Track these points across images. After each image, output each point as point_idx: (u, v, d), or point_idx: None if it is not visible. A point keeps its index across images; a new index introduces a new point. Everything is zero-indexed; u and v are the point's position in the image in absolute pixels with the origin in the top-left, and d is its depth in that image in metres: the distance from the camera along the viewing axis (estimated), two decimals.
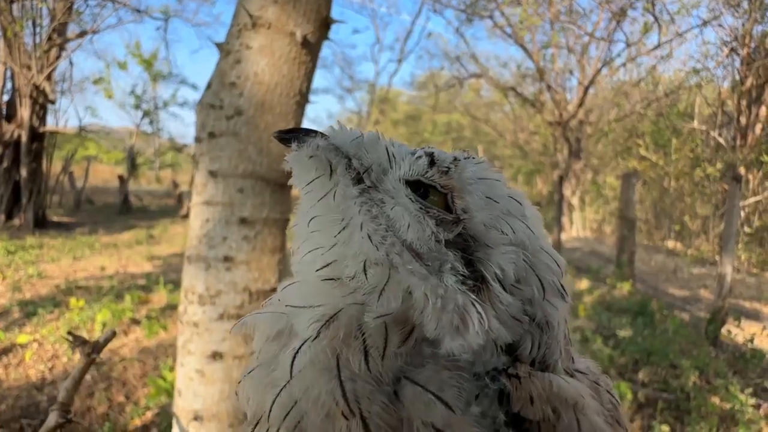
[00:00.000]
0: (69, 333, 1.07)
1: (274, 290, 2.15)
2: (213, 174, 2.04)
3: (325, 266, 0.54)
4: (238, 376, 2.06)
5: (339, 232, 0.54)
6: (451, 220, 0.54)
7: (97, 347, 1.11)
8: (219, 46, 2.20)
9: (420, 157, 0.57)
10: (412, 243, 0.52)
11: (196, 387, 1.98)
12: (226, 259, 2.00)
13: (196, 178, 2.13)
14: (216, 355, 1.97)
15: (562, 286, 0.57)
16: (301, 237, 0.60)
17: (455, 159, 0.58)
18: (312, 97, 2.33)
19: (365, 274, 0.51)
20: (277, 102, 2.08)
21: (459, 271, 0.51)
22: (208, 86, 2.16)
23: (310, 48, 2.15)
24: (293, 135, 0.58)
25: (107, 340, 1.14)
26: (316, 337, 0.49)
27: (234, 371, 1.99)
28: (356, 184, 0.56)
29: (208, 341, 1.98)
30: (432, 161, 0.57)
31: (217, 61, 2.18)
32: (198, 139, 2.13)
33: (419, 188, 0.56)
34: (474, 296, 0.50)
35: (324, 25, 2.19)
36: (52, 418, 1.03)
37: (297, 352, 0.50)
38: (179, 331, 2.12)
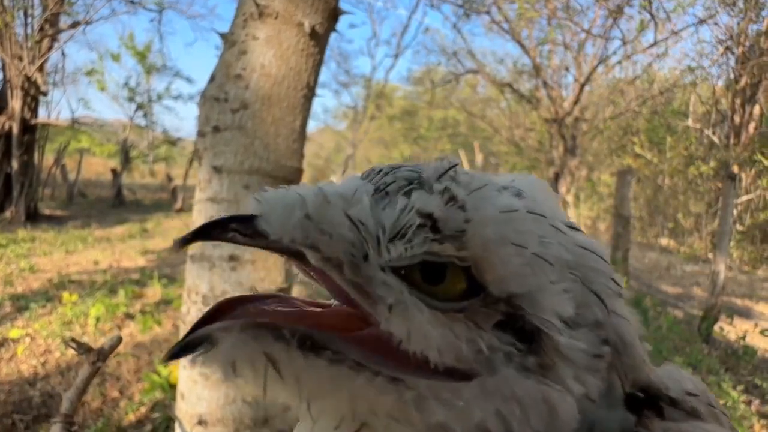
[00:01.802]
0: (72, 340, 1.01)
1: (281, 290, 2.10)
2: (217, 170, 1.97)
3: None
4: None
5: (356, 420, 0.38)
6: (482, 308, 0.37)
7: (102, 354, 1.04)
8: (223, 36, 2.12)
9: (410, 219, 0.36)
10: (443, 365, 0.35)
11: (200, 390, 1.92)
12: (232, 258, 1.94)
13: (200, 173, 2.05)
14: None
15: (615, 281, 0.42)
16: None
17: (461, 207, 0.37)
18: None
19: None
20: (285, 95, 2.00)
21: (514, 353, 0.36)
22: (212, 78, 2.08)
23: (318, 39, 2.08)
24: (204, 237, 0.37)
25: (113, 347, 1.07)
26: None
27: None
28: (318, 357, 0.35)
29: None
30: (435, 225, 0.36)
31: (221, 53, 2.11)
32: (201, 133, 2.06)
33: (423, 267, 0.37)
34: (539, 369, 0.37)
35: (332, 15, 2.12)
36: (56, 431, 0.96)
37: None
38: (182, 332, 2.05)
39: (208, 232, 0.37)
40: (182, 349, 0.35)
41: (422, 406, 0.35)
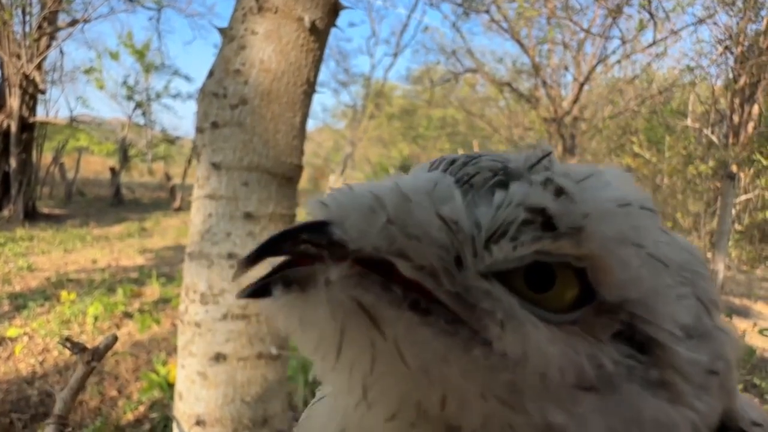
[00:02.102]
0: (67, 339, 0.98)
1: None
2: (216, 166, 1.94)
3: None
4: (243, 378, 2.00)
5: (442, 409, 0.31)
6: (594, 317, 0.32)
7: (97, 354, 1.02)
8: (222, 31, 2.10)
9: (511, 216, 0.31)
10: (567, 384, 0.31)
11: (198, 390, 1.89)
12: (230, 256, 1.91)
13: (198, 170, 2.03)
14: (219, 357, 1.88)
15: (714, 292, 0.36)
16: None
17: (571, 199, 0.32)
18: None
19: None
20: (285, 91, 1.98)
21: (637, 366, 0.31)
22: (211, 74, 2.06)
23: (319, 35, 2.05)
24: (273, 255, 0.31)
25: (108, 347, 1.05)
26: None
27: (238, 374, 1.90)
28: (426, 322, 0.30)
29: (211, 342, 1.89)
30: (549, 221, 0.31)
31: (220, 47, 2.08)
32: (200, 129, 2.03)
33: (528, 272, 0.32)
34: (661, 386, 0.32)
35: (332, 10, 2.09)
36: None
37: None
38: (180, 332, 2.03)
39: (276, 246, 0.31)
40: (264, 287, 0.31)
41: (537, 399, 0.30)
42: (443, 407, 0.30)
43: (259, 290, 0.32)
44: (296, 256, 0.31)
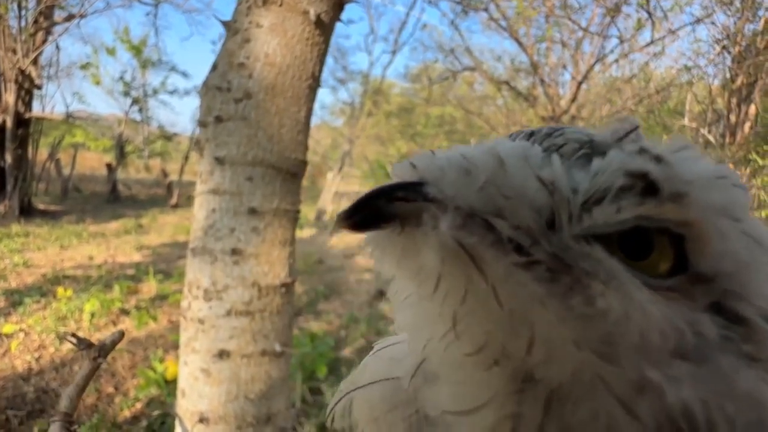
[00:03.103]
0: (73, 335, 0.95)
1: (284, 285, 2.05)
2: (220, 161, 1.91)
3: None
4: (247, 375, 1.97)
5: (528, 354, 0.31)
6: (693, 287, 0.32)
7: (104, 350, 0.99)
8: (225, 24, 2.07)
9: (609, 181, 0.31)
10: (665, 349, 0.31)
11: (202, 387, 1.87)
12: (234, 251, 1.88)
13: (201, 165, 2.00)
14: (223, 354, 1.85)
15: None
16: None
17: (668, 166, 0.32)
18: None
19: (627, 409, 0.30)
20: (290, 85, 1.95)
21: (733, 338, 0.31)
22: (214, 67, 2.03)
23: (324, 28, 2.02)
24: (368, 212, 0.31)
25: (114, 343, 1.02)
26: None
27: (242, 371, 1.88)
28: (529, 268, 0.30)
29: (215, 339, 1.87)
30: (651, 186, 0.31)
31: (224, 41, 2.05)
32: (203, 124, 2.00)
33: (626, 238, 0.32)
34: (753, 363, 0.31)
35: (337, 4, 2.07)
36: (55, 430, 0.91)
37: None
38: (182, 328, 2.00)
39: (372, 202, 0.31)
40: (369, 218, 0.31)
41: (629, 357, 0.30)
42: (529, 352, 0.30)
43: (364, 221, 0.32)
44: (387, 216, 0.31)
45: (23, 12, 12.08)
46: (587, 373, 0.30)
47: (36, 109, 13.65)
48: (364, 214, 0.31)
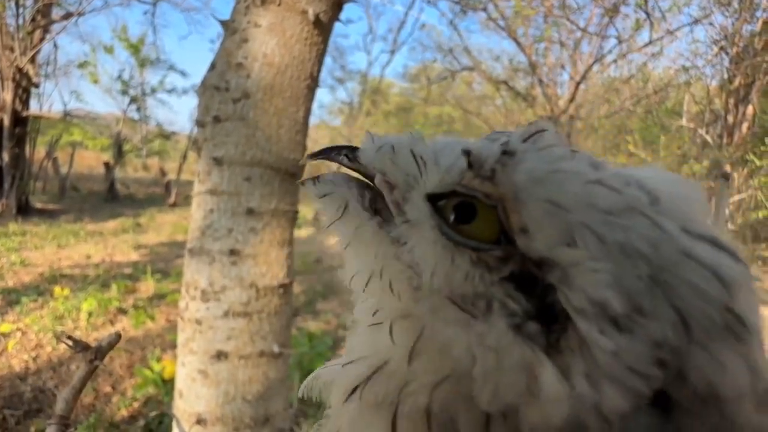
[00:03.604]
0: (69, 337, 0.95)
1: (282, 286, 2.05)
2: (218, 161, 1.90)
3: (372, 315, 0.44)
4: (244, 376, 1.97)
5: (367, 283, 0.43)
6: (499, 256, 0.36)
7: (100, 352, 0.99)
8: (224, 23, 2.06)
9: (459, 160, 0.40)
10: (442, 291, 0.37)
11: (199, 388, 1.86)
12: (232, 252, 1.88)
13: (199, 165, 1.99)
14: (220, 355, 1.85)
15: (732, 314, 0.33)
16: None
17: (506, 153, 0.38)
18: None
19: (391, 336, 0.39)
20: (288, 85, 1.94)
21: (516, 310, 0.34)
22: (212, 67, 2.02)
23: (322, 28, 2.02)
24: (323, 157, 0.50)
25: (111, 345, 1.02)
26: (351, 399, 0.41)
27: (240, 372, 1.87)
28: (371, 217, 0.44)
29: (212, 340, 1.86)
30: (469, 162, 0.38)
31: (222, 40, 2.04)
32: (201, 124, 1.99)
33: (459, 204, 0.39)
34: (544, 343, 0.33)
35: (336, 4, 2.06)
36: None
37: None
38: (180, 329, 1.99)
39: (328, 151, 0.49)
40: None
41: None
42: (367, 284, 0.43)
43: (314, 181, 0.50)
44: (334, 161, 0.49)
45: (21, 10, 12.03)
46: (386, 306, 0.42)
47: (33, 108, 13.61)
48: (322, 158, 0.49)
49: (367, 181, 0.47)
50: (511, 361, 0.33)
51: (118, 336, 1.03)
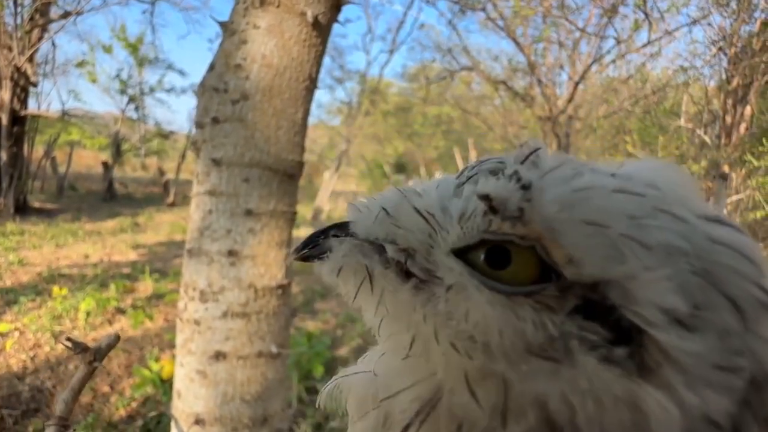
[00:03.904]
0: (68, 339, 0.95)
1: (281, 287, 2.05)
2: (216, 162, 1.91)
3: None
4: (243, 377, 1.97)
5: (410, 347, 0.39)
6: (556, 293, 0.35)
7: (99, 353, 0.99)
8: (222, 25, 2.06)
9: (474, 205, 0.37)
10: (516, 346, 0.35)
11: (197, 389, 1.87)
12: (231, 253, 1.88)
13: (198, 166, 1.99)
14: (219, 356, 1.85)
15: (764, 290, 0.34)
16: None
17: (524, 187, 0.36)
18: None
19: (473, 395, 0.35)
20: (287, 86, 1.95)
21: (597, 341, 0.33)
22: (211, 68, 2.02)
23: (321, 30, 2.02)
24: (311, 245, 0.45)
25: (110, 346, 1.02)
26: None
27: (238, 372, 1.87)
28: (405, 281, 0.40)
29: (211, 340, 1.86)
30: (492, 206, 0.36)
31: (221, 42, 2.05)
32: (199, 125, 2.00)
33: (489, 251, 0.37)
34: (634, 367, 0.32)
35: (335, 5, 2.06)
36: None
37: None
38: (178, 329, 2.00)
39: (314, 238, 0.45)
40: (310, 254, 0.44)
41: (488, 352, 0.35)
42: (411, 346, 0.39)
43: (304, 257, 0.45)
44: (326, 248, 0.44)
45: (19, 9, 12.00)
46: (451, 365, 0.36)
47: (32, 107, 13.57)
48: (311, 248, 0.44)
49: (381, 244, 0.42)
50: (613, 397, 0.31)
51: (117, 337, 1.04)
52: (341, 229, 0.44)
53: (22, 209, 12.42)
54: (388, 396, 0.41)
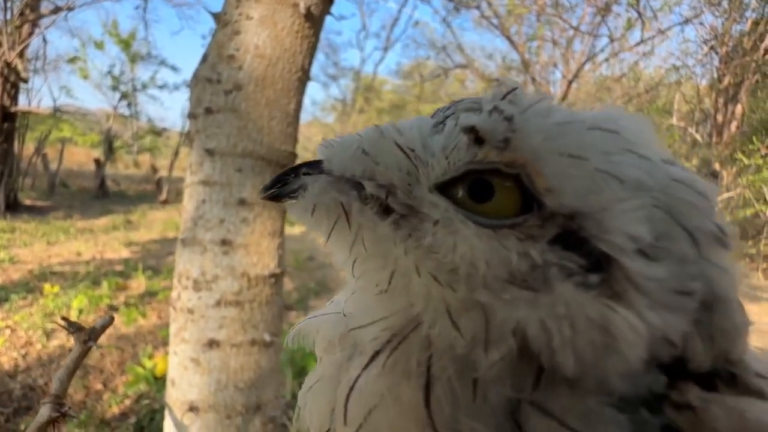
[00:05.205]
0: (63, 318, 0.96)
1: (273, 275, 2.06)
2: (210, 152, 1.92)
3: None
4: (236, 365, 1.98)
5: (390, 281, 0.39)
6: (538, 223, 0.36)
7: (94, 334, 1.00)
8: (215, 16, 2.07)
9: (457, 139, 0.38)
10: (500, 276, 0.35)
11: (191, 377, 1.88)
12: (224, 242, 1.89)
13: (191, 156, 2.00)
14: (212, 343, 1.86)
15: (718, 226, 0.37)
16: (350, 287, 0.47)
17: (507, 119, 0.37)
18: None
19: (456, 326, 0.36)
20: (279, 77, 1.96)
21: (574, 269, 0.34)
22: (204, 59, 2.03)
23: (314, 21, 2.03)
24: (280, 184, 0.42)
25: (104, 327, 1.03)
26: (382, 360, 0.39)
27: (231, 360, 1.88)
28: (384, 217, 0.39)
29: (204, 328, 1.87)
30: (478, 137, 0.37)
31: (214, 33, 2.05)
32: (193, 115, 2.00)
33: (472, 182, 0.38)
34: (606, 292, 0.34)
35: None
36: (45, 412, 0.92)
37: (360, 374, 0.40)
38: (172, 318, 2.01)
39: (284, 176, 0.42)
40: (279, 193, 0.42)
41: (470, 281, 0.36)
42: (390, 281, 0.39)
43: (275, 195, 0.43)
44: (295, 186, 0.42)
45: (9, 4, 11.90)
46: (432, 297, 0.36)
47: (22, 103, 13.47)
48: (280, 187, 0.42)
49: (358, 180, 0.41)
50: (587, 320, 0.33)
51: (111, 318, 1.05)
52: (313, 167, 0.42)
53: (13, 207, 12.32)
54: (358, 326, 0.41)
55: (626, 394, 0.33)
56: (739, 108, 13.51)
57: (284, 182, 0.42)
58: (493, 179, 0.37)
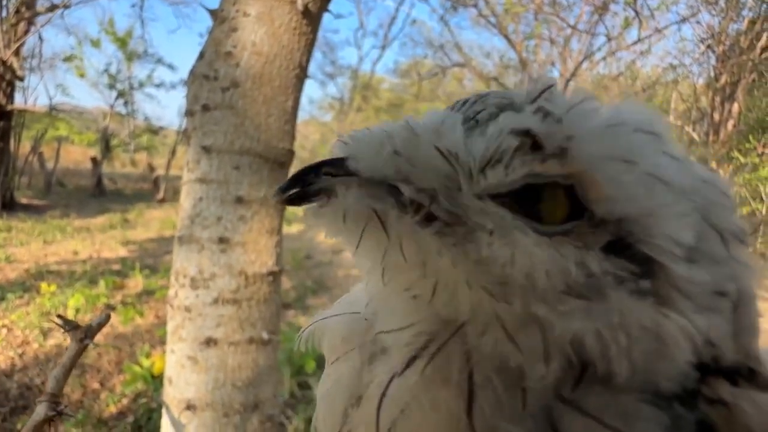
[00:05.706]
0: (59, 316, 0.95)
1: (271, 273, 2.06)
2: (207, 150, 1.91)
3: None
4: (234, 363, 1.98)
5: (433, 296, 0.36)
6: (590, 230, 0.35)
7: (90, 332, 0.99)
8: (212, 12, 2.06)
9: (505, 143, 0.35)
10: (557, 287, 0.34)
11: (189, 375, 1.87)
12: (221, 240, 1.89)
13: (188, 154, 1.99)
14: (210, 342, 1.86)
15: (738, 224, 0.38)
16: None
17: (557, 120, 0.35)
18: None
19: (512, 340, 0.34)
20: (277, 74, 1.95)
21: (626, 276, 0.33)
22: (201, 56, 2.02)
23: (311, 18, 2.03)
24: (300, 185, 0.37)
25: (101, 324, 1.02)
26: (420, 366, 0.37)
27: (229, 358, 1.88)
28: (426, 225, 0.35)
29: (201, 327, 1.87)
30: (535, 143, 0.34)
31: (211, 29, 2.05)
32: (190, 113, 1.99)
33: (519, 192, 0.36)
34: (656, 299, 0.33)
35: None
36: (41, 411, 0.91)
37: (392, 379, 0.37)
38: (169, 316, 2.00)
39: (303, 176, 0.37)
40: (301, 195, 0.37)
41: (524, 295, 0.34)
42: (434, 294, 0.36)
43: (292, 199, 0.38)
44: (317, 186, 0.37)
45: (5, 1, 11.84)
46: (484, 310, 0.34)
47: (18, 102, 13.41)
48: (298, 188, 0.37)
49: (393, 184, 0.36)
50: (641, 328, 0.33)
51: (108, 316, 1.04)
52: (335, 166, 0.37)
53: (9, 205, 12.27)
54: (388, 330, 0.39)
55: (660, 390, 0.33)
56: (735, 107, 13.56)
57: (304, 182, 0.37)
58: (546, 188, 0.35)
